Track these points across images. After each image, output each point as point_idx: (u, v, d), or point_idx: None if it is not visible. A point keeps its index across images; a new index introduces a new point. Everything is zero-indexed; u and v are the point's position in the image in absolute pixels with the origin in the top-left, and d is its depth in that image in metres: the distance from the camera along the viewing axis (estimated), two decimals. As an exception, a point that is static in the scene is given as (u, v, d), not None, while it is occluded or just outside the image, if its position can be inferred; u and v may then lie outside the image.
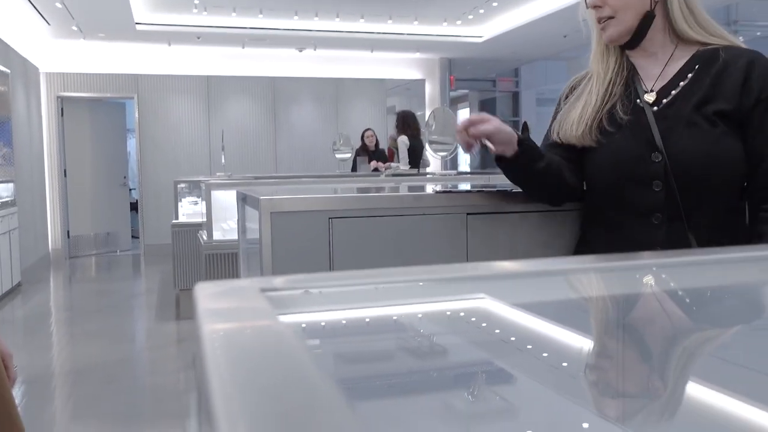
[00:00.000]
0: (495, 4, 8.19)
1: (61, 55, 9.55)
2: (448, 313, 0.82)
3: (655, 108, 1.49)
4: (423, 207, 1.60)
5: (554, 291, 0.84)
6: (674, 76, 1.51)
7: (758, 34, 10.77)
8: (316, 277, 0.72)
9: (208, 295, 0.58)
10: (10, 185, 7.29)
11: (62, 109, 9.66)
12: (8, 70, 7.55)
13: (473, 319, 0.81)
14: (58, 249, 9.67)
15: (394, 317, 0.78)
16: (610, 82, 1.55)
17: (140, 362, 4.73)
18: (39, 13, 7.48)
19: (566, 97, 1.64)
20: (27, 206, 8.09)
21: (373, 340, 0.76)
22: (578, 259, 1.28)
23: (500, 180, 1.82)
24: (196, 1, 7.73)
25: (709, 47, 1.49)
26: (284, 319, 0.59)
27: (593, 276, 0.89)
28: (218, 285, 0.61)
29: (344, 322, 0.76)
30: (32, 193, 8.59)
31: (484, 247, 1.64)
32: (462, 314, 0.82)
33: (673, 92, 1.49)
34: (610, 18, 1.50)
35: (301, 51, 10.15)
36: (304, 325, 0.69)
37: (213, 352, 0.44)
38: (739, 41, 1.52)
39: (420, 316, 0.81)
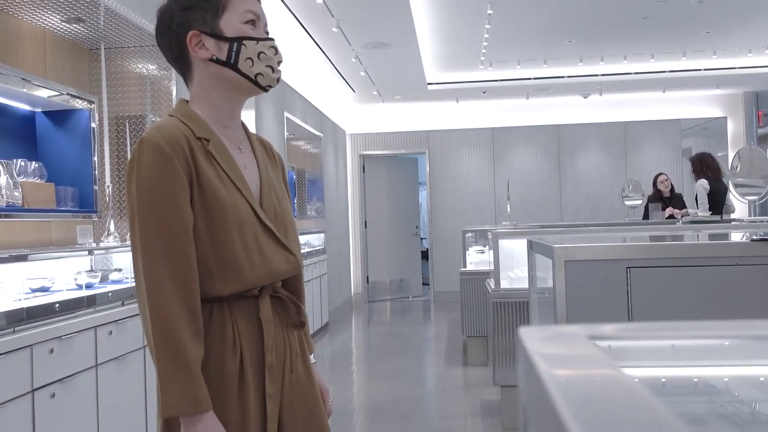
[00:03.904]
0: (812, 27, 7.23)
1: (362, 118, 10.63)
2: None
3: None
4: (735, 257, 1.46)
5: None
6: None
7: None
8: (648, 326, 0.69)
9: (536, 339, 0.58)
10: (321, 235, 8.25)
11: (364, 166, 10.70)
12: (321, 134, 8.65)
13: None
14: (359, 293, 10.58)
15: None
16: None
17: (430, 404, 4.92)
18: (346, 82, 8.44)
19: None
20: (334, 254, 9.04)
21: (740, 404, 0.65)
22: None
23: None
24: (483, 58, 8.06)
25: None
26: (629, 371, 0.53)
27: None
28: (543, 330, 0.61)
29: (695, 380, 0.68)
30: (338, 242, 9.58)
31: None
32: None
33: None
34: None
35: (586, 97, 9.98)
36: (663, 381, 0.64)
37: (565, 398, 0.42)
38: None
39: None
